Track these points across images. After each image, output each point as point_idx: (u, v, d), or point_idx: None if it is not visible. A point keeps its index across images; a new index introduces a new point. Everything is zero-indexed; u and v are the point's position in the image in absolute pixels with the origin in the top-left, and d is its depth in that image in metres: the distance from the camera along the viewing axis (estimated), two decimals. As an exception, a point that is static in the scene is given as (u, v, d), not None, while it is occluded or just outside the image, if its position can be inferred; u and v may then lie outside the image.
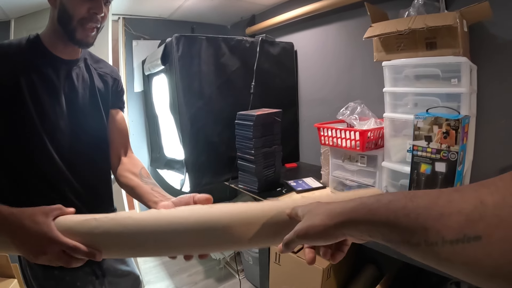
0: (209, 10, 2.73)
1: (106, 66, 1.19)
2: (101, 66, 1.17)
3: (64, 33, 0.95)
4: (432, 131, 1.12)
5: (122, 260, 1.23)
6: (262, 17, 2.78)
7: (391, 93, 1.48)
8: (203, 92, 2.05)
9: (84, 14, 0.93)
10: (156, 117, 2.75)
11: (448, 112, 1.22)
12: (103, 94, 1.13)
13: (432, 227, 0.36)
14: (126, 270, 1.23)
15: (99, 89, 1.12)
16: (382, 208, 0.42)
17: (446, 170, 1.09)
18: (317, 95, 2.40)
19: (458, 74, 1.27)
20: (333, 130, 1.63)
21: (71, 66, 1.03)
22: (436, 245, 0.35)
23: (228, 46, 2.13)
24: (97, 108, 1.10)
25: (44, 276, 1.01)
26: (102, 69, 1.16)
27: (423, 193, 0.40)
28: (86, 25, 0.94)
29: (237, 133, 1.89)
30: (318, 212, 0.52)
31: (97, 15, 0.95)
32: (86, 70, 1.09)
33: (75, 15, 0.92)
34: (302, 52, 2.50)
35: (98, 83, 1.12)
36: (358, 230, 0.46)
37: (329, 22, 2.22)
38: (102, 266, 1.12)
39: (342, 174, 1.69)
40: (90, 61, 1.12)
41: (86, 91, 1.07)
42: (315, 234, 0.50)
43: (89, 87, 1.09)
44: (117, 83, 1.20)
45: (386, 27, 1.41)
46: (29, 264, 1.01)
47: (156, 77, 2.54)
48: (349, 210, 0.47)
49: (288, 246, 0.57)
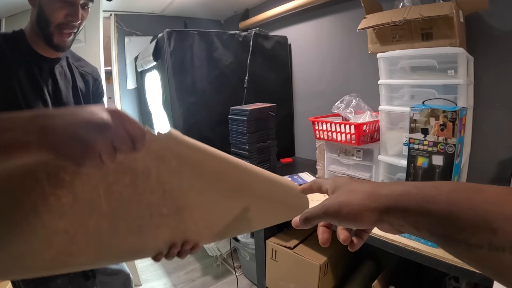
0: (202, 5, 2.69)
1: (87, 65, 1.17)
2: (82, 64, 1.15)
3: (42, 36, 0.94)
4: (428, 123, 1.09)
5: None
6: (256, 10, 2.74)
7: (387, 86, 1.45)
8: (196, 88, 2.02)
9: (61, 19, 0.92)
10: (150, 114, 2.71)
11: (445, 104, 1.19)
12: (85, 94, 1.12)
13: (502, 228, 0.30)
14: (116, 269, 1.24)
15: (81, 88, 1.11)
16: (443, 197, 0.35)
17: (444, 163, 1.06)
18: (312, 88, 2.37)
19: (455, 65, 1.24)
20: (327, 124, 1.61)
21: (53, 64, 1.02)
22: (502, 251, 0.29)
23: (220, 41, 2.10)
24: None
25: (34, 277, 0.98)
26: (84, 68, 1.15)
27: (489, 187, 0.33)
28: (63, 30, 0.94)
29: (231, 128, 1.86)
30: (354, 189, 0.44)
31: (72, 22, 0.94)
32: (68, 69, 1.08)
33: (52, 20, 0.91)
34: (296, 45, 2.47)
35: (79, 82, 1.10)
36: (404, 219, 0.38)
37: (324, 14, 2.18)
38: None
39: (337, 169, 1.67)
40: (71, 59, 1.11)
41: (69, 90, 1.06)
42: (349, 214, 0.42)
43: (72, 86, 1.08)
44: (97, 83, 1.19)
45: (381, 18, 1.38)
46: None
47: (148, 73, 2.51)
48: (399, 194, 0.39)
49: (308, 222, 0.48)
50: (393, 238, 1.16)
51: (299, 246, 1.65)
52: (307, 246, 1.65)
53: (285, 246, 1.66)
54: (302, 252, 1.60)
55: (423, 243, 1.11)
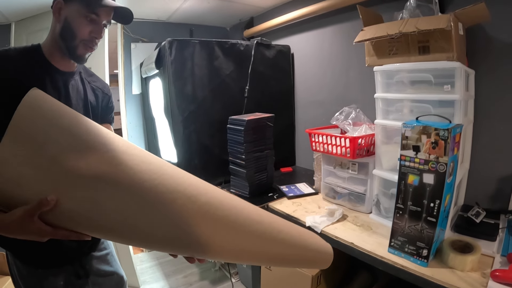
0: (207, 12, 2.71)
1: (98, 80, 1.23)
2: (94, 79, 1.21)
3: (65, 48, 1.00)
4: (420, 140, 1.08)
5: (106, 260, 1.27)
6: (261, 19, 2.76)
7: (383, 99, 1.43)
8: (196, 96, 2.03)
9: (86, 36, 0.99)
10: (153, 119, 2.73)
11: (440, 120, 1.17)
12: (94, 108, 1.16)
13: None
14: (110, 271, 1.27)
15: (91, 102, 1.15)
16: None
17: (434, 182, 1.05)
18: (313, 98, 2.37)
19: (452, 80, 1.22)
20: (323, 136, 1.59)
21: (67, 77, 1.06)
22: None
23: (222, 50, 2.11)
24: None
25: (28, 274, 1.05)
26: (95, 83, 1.20)
27: None
28: (86, 45, 1.01)
29: (229, 137, 1.87)
30: None
31: (95, 39, 1.02)
32: (80, 83, 1.13)
33: (78, 35, 0.98)
34: (299, 54, 2.47)
35: (90, 96, 1.15)
36: None
37: (326, 24, 2.18)
38: (84, 266, 1.17)
39: (333, 181, 1.66)
40: (84, 74, 1.16)
41: (79, 103, 1.10)
42: None
43: (83, 99, 1.12)
44: (107, 98, 1.24)
45: (377, 31, 1.36)
46: (15, 263, 1.06)
47: (152, 80, 2.53)
48: None
49: None
50: (381, 255, 1.16)
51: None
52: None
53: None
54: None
55: (412, 261, 1.10)
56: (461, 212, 1.36)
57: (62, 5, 0.98)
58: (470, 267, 1.04)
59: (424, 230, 1.07)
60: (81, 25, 0.98)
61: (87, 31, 0.99)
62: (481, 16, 1.28)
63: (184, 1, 2.37)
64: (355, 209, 1.57)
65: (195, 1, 2.40)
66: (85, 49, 1.01)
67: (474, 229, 1.24)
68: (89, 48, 1.02)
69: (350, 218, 1.49)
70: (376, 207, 1.46)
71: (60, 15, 0.99)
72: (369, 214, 1.51)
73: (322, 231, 1.38)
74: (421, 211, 1.07)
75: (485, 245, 1.14)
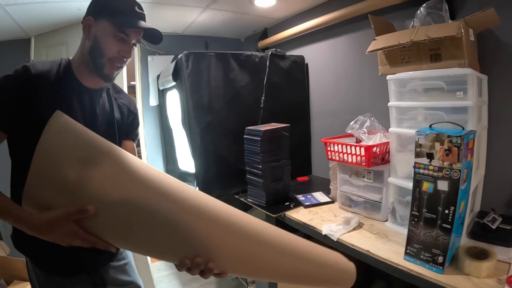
0: (222, 25, 2.77)
1: (125, 97, 1.24)
2: (121, 96, 1.22)
3: (93, 65, 1.02)
4: (434, 148, 1.09)
5: (124, 270, 1.27)
6: (275, 30, 2.81)
7: (397, 107, 1.44)
8: (213, 107, 2.08)
9: (114, 54, 1.00)
10: (170, 130, 2.80)
11: (453, 127, 1.18)
12: (120, 124, 1.18)
13: None
14: (127, 280, 1.27)
15: (117, 119, 1.16)
16: None
17: (449, 189, 1.05)
18: (328, 107, 2.39)
19: (464, 86, 1.23)
20: (339, 145, 1.61)
21: (94, 95, 1.09)
22: None
23: (237, 61, 2.16)
24: (112, 136, 1.14)
25: (46, 281, 1.06)
26: (122, 100, 1.21)
27: None
28: (114, 64, 1.02)
29: (246, 147, 1.90)
30: None
31: (124, 58, 1.03)
32: (107, 99, 1.15)
33: (106, 53, 1.00)
34: (313, 64, 2.50)
35: (116, 113, 1.17)
36: None
37: (339, 34, 2.22)
38: (102, 276, 1.18)
39: (349, 189, 1.67)
40: (112, 91, 1.18)
41: (104, 119, 1.12)
42: None
43: (108, 115, 1.13)
44: (133, 116, 1.25)
45: (389, 40, 1.38)
46: (34, 270, 1.07)
47: (169, 92, 2.60)
48: None
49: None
50: (397, 262, 1.16)
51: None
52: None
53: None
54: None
55: (427, 268, 1.10)
56: (477, 218, 1.35)
57: (92, 22, 1.00)
58: (486, 274, 1.03)
59: (439, 237, 1.07)
60: (110, 43, 0.99)
61: (116, 49, 1.00)
62: (491, 22, 1.29)
63: (199, 14, 2.44)
64: (371, 217, 1.57)
65: (210, 14, 2.46)
66: (112, 67, 1.02)
67: (490, 236, 1.23)
68: (117, 66, 1.03)
69: (366, 226, 1.49)
70: (392, 215, 1.46)
71: (90, 33, 1.00)
72: (385, 222, 1.51)
73: (338, 239, 1.39)
74: (436, 218, 1.07)
75: (501, 251, 1.13)
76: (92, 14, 1.00)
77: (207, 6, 2.27)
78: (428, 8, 1.41)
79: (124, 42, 1.01)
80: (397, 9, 1.75)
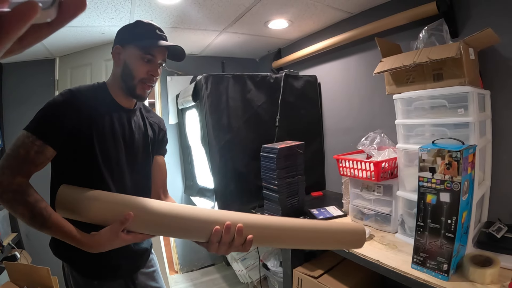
0: (237, 46, 2.93)
1: (155, 116, 1.36)
2: (151, 115, 1.34)
3: (126, 88, 1.13)
4: (435, 162, 1.17)
5: (153, 277, 1.39)
6: (288, 50, 2.94)
7: (403, 125, 1.53)
8: (231, 126, 2.19)
9: (144, 75, 1.11)
10: (189, 148, 2.93)
11: (456, 142, 1.26)
12: (152, 141, 1.29)
13: None
14: (156, 286, 1.38)
15: (150, 136, 1.28)
16: None
17: (451, 200, 1.13)
18: (340, 125, 2.49)
19: (465, 103, 1.31)
20: (350, 161, 1.70)
21: (130, 114, 1.20)
22: None
23: (253, 82, 2.28)
24: (147, 153, 1.26)
25: (85, 284, 1.16)
26: (152, 118, 1.33)
27: None
28: (145, 84, 1.12)
29: (262, 164, 2.00)
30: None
31: (153, 77, 1.13)
32: (141, 119, 1.26)
33: (136, 75, 1.10)
34: (325, 83, 2.61)
35: (149, 130, 1.28)
36: None
37: (350, 53, 2.32)
38: (134, 281, 1.29)
39: (361, 203, 1.75)
40: (143, 110, 1.30)
41: (140, 137, 1.23)
42: None
43: (143, 133, 1.25)
44: (163, 133, 1.37)
45: (394, 62, 1.48)
46: (72, 274, 1.17)
47: (188, 111, 2.74)
48: None
49: None
50: (405, 271, 1.23)
51: (323, 276, 1.73)
52: (332, 276, 1.72)
53: (310, 276, 1.74)
54: (326, 281, 1.68)
55: (433, 276, 1.16)
56: (483, 228, 1.40)
57: (121, 50, 1.11)
58: (490, 280, 1.10)
59: (443, 246, 1.14)
60: (139, 66, 1.09)
61: (144, 70, 1.09)
62: (490, 40, 1.38)
63: (216, 37, 2.59)
64: (381, 229, 1.64)
65: (226, 37, 2.61)
66: (143, 87, 1.12)
67: (495, 244, 1.29)
68: (148, 86, 1.13)
69: (377, 237, 1.57)
70: (401, 226, 1.53)
71: (120, 59, 1.12)
72: (395, 233, 1.58)
73: (350, 250, 1.46)
74: (440, 228, 1.15)
75: (506, 259, 1.19)
76: (120, 43, 1.12)
77: (224, 30, 2.42)
78: (430, 30, 1.51)
79: (152, 63, 1.11)
80: (403, 29, 1.86)
